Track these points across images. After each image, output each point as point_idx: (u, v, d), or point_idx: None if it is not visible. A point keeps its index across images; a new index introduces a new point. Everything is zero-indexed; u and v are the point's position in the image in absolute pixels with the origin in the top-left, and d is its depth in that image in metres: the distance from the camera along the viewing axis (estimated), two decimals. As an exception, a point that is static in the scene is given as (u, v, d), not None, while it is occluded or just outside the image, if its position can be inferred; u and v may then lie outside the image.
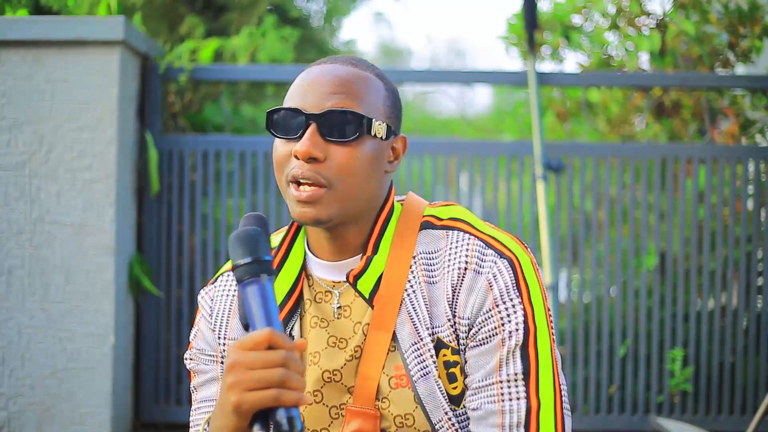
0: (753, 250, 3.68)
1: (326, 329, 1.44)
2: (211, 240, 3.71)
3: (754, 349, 3.67)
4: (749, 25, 3.99)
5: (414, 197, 1.51)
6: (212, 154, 3.72)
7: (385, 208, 1.45)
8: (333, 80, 1.39)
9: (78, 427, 3.32)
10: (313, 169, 1.35)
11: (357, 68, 1.42)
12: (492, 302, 1.37)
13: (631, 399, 3.69)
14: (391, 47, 21.02)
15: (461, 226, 1.44)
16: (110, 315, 3.34)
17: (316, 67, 1.43)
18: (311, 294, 1.46)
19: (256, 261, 1.19)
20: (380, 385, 1.40)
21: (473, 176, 3.89)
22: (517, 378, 1.35)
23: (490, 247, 1.40)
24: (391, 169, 1.45)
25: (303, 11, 5.16)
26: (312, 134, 1.36)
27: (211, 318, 1.51)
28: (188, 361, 1.53)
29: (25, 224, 3.33)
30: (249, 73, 3.83)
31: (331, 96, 1.37)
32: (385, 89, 1.44)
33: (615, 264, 3.75)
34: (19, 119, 3.34)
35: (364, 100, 1.39)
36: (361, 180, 1.38)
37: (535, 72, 3.71)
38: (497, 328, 1.36)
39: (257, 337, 1.14)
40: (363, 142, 1.38)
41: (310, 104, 1.38)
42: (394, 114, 1.45)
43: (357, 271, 1.41)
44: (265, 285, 1.18)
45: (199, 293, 1.54)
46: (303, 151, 1.35)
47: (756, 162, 3.75)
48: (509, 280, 1.37)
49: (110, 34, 3.32)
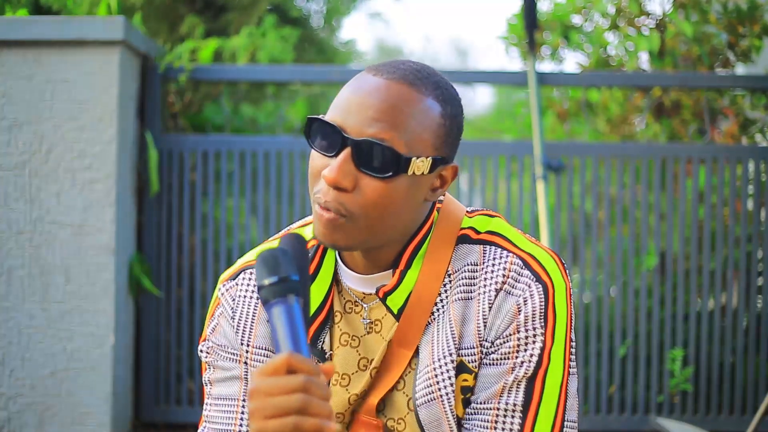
0: (753, 250, 3.68)
1: (357, 349, 1.40)
2: (211, 240, 3.71)
3: (754, 349, 3.67)
4: (748, 24, 3.99)
5: (451, 203, 1.44)
6: (212, 154, 3.72)
7: (425, 226, 1.38)
8: (380, 105, 1.27)
9: (78, 427, 3.32)
10: (339, 199, 1.27)
11: (414, 89, 1.29)
12: (515, 327, 1.32)
13: (631, 399, 3.69)
14: (392, 47, 21.03)
15: (499, 241, 1.37)
16: (110, 315, 3.34)
17: (371, 79, 1.30)
18: (341, 304, 1.41)
19: (282, 281, 1.14)
20: (399, 406, 1.37)
21: (473, 176, 3.89)
22: (515, 409, 1.31)
23: (527, 266, 1.34)
24: (434, 197, 1.36)
25: (303, 11, 5.16)
26: (344, 161, 1.26)
27: (233, 321, 1.44)
28: (203, 353, 1.47)
29: (25, 224, 3.33)
30: (249, 73, 3.83)
31: (374, 123, 1.26)
32: (441, 115, 1.31)
33: (615, 264, 3.75)
34: (19, 119, 3.34)
35: (409, 133, 1.27)
36: (388, 216, 1.29)
37: (535, 72, 3.71)
38: (512, 353, 1.32)
39: (276, 363, 1.08)
40: (398, 179, 1.28)
41: (351, 125, 1.27)
42: (448, 143, 1.34)
43: (389, 288, 1.36)
44: (292, 306, 1.14)
45: (218, 287, 1.47)
46: (331, 178, 1.26)
47: (756, 162, 3.75)
48: (538, 307, 1.32)
49: (110, 34, 3.32)
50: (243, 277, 1.45)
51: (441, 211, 1.41)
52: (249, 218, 3.76)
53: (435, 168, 1.31)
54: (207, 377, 1.47)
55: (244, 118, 4.10)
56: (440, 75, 1.36)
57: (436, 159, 1.31)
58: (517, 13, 4.26)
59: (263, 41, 4.11)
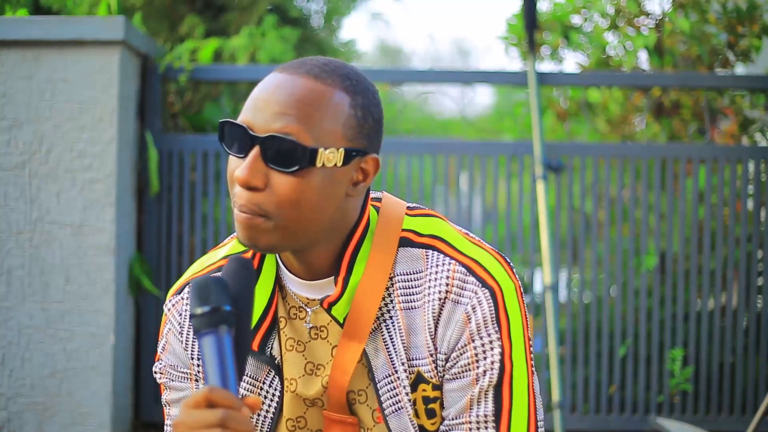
0: (753, 250, 3.68)
1: (303, 354, 1.38)
2: (211, 240, 3.71)
3: (754, 349, 3.67)
4: (748, 24, 3.99)
5: (390, 202, 1.40)
6: (212, 154, 3.72)
7: (360, 226, 1.34)
8: (286, 99, 1.25)
9: (78, 427, 3.32)
10: (253, 200, 1.24)
11: (320, 82, 1.27)
12: (468, 336, 1.30)
13: (631, 399, 3.69)
14: (392, 47, 21.03)
15: (441, 246, 1.34)
16: (110, 315, 3.34)
17: (278, 76, 1.29)
18: (285, 309, 1.39)
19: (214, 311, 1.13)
20: (364, 418, 1.36)
21: (473, 176, 3.89)
22: (487, 420, 1.30)
23: (471, 273, 1.31)
24: (356, 192, 1.32)
25: (303, 11, 5.16)
26: (254, 160, 1.24)
27: (181, 336, 1.42)
28: (158, 375, 1.46)
29: (25, 224, 3.33)
30: (249, 73, 3.83)
31: (280, 117, 1.24)
32: (351, 106, 1.28)
33: (615, 264, 3.75)
34: (19, 119, 3.34)
35: (316, 125, 1.25)
36: (307, 212, 1.26)
37: (535, 72, 3.71)
38: (471, 364, 1.30)
39: (197, 397, 1.10)
40: (310, 173, 1.24)
41: (258, 123, 1.25)
42: (362, 133, 1.30)
43: (333, 298, 1.33)
44: (222, 337, 1.13)
45: (165, 303, 1.45)
46: (242, 178, 1.23)
47: (756, 162, 3.75)
48: (489, 312, 1.30)
49: (110, 34, 3.32)
50: (187, 291, 1.43)
51: (381, 210, 1.38)
52: (249, 218, 3.76)
53: (350, 160, 1.28)
54: (164, 398, 1.47)
55: (244, 118, 4.09)
56: (351, 68, 1.33)
57: (349, 150, 1.27)
58: (517, 13, 4.25)
59: (263, 41, 4.11)
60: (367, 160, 1.32)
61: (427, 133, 10.51)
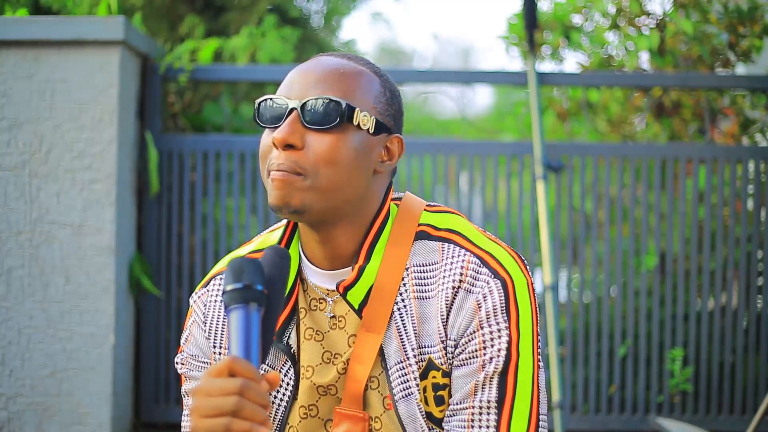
0: (753, 250, 3.68)
1: (321, 343, 1.41)
2: (211, 240, 3.71)
3: (754, 349, 3.67)
4: (749, 24, 3.99)
5: (411, 199, 1.45)
6: (212, 154, 3.72)
7: (381, 214, 1.39)
8: (321, 71, 1.35)
9: (78, 427, 3.32)
10: (291, 158, 1.30)
11: (353, 61, 1.38)
12: (477, 323, 1.32)
13: (631, 399, 3.69)
14: (392, 47, 21.03)
15: (458, 239, 1.38)
16: (110, 315, 3.34)
17: (308, 62, 1.39)
18: (306, 301, 1.43)
19: (246, 288, 1.16)
20: (374, 404, 1.38)
21: (473, 176, 3.89)
22: (489, 406, 1.32)
23: (485, 264, 1.35)
24: (383, 169, 1.38)
25: (303, 11, 5.16)
26: (292, 121, 1.31)
27: (205, 326, 1.47)
28: (179, 365, 1.49)
29: (24, 224, 3.33)
30: (249, 73, 3.83)
31: (317, 85, 1.33)
32: (380, 85, 1.38)
33: (615, 264, 3.75)
34: (19, 119, 3.34)
35: (351, 92, 1.33)
36: (342, 172, 1.32)
37: (535, 72, 3.71)
38: (478, 350, 1.32)
39: (219, 365, 1.11)
40: (345, 131, 1.32)
41: (295, 94, 1.33)
42: (390, 112, 1.39)
43: (348, 282, 1.37)
44: (250, 313, 1.15)
45: (191, 296, 1.51)
46: (280, 137, 1.30)
47: (756, 162, 3.74)
48: (499, 302, 1.33)
49: (110, 34, 3.32)
50: (214, 284, 1.49)
51: (401, 206, 1.43)
52: (249, 218, 3.76)
53: (379, 132, 1.36)
54: (184, 389, 1.49)
55: (244, 118, 4.10)
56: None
57: (380, 122, 1.36)
58: (518, 12, 4.25)
59: (263, 41, 4.11)
60: (393, 140, 1.39)
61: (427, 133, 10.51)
